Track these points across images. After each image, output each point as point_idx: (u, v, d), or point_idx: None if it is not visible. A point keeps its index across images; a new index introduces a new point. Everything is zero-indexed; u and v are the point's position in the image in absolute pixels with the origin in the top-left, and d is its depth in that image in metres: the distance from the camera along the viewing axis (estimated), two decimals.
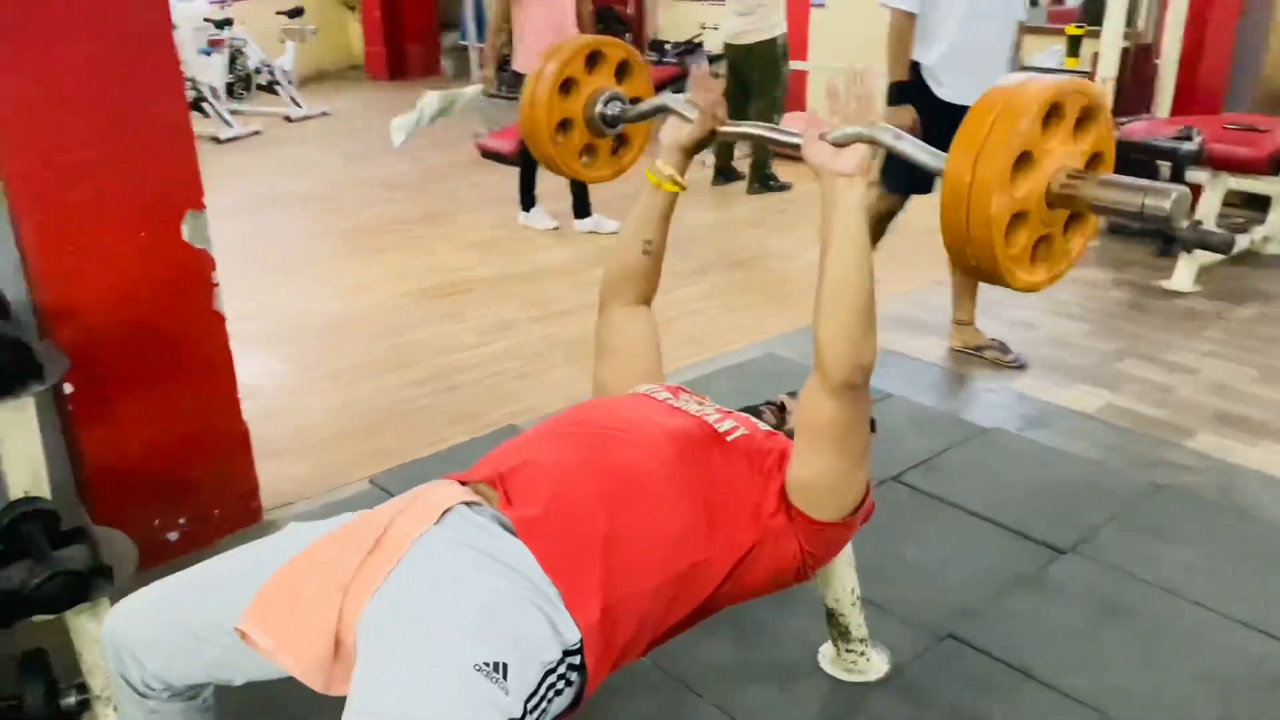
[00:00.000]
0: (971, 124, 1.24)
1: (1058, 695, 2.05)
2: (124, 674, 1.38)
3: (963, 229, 1.24)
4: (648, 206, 1.76)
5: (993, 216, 1.22)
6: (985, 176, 1.21)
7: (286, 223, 5.56)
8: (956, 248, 1.27)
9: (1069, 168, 1.27)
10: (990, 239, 1.23)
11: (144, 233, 2.27)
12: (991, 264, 1.26)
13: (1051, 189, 1.26)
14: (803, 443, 1.45)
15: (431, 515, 1.35)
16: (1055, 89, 1.23)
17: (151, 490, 2.41)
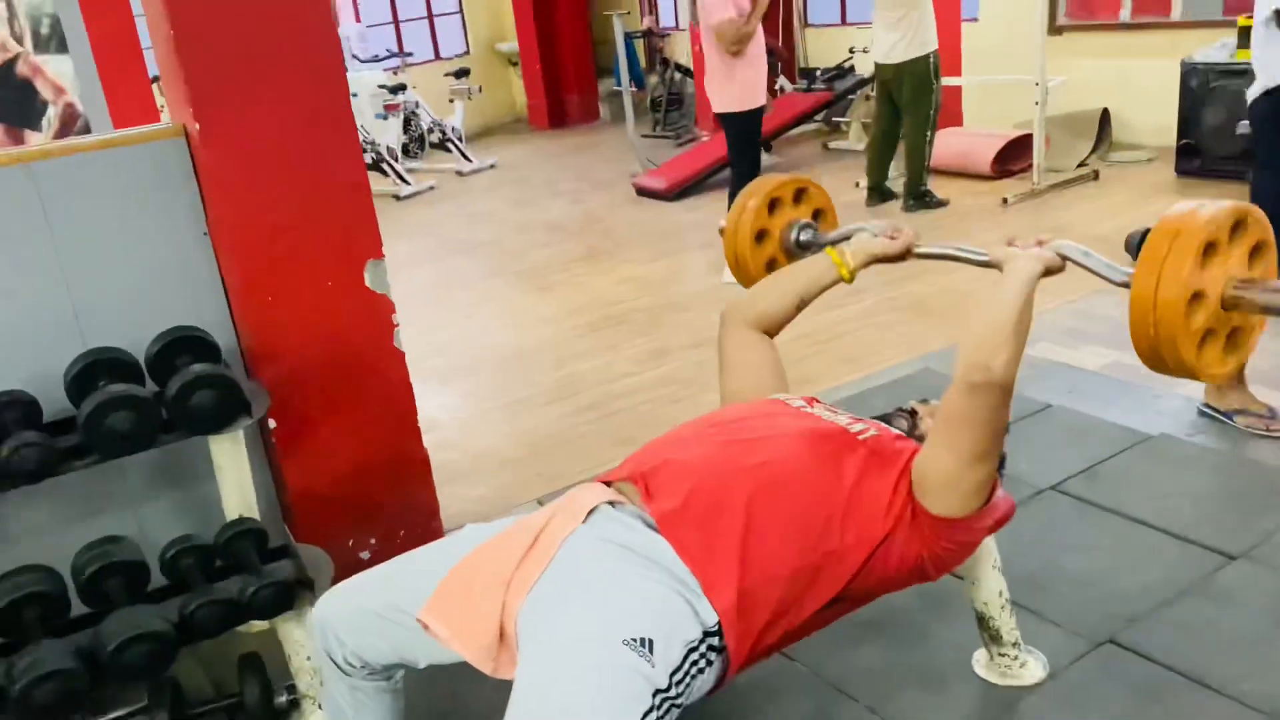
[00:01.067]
0: (1166, 219, 1.42)
1: (1231, 702, 1.99)
2: (329, 652, 1.59)
3: (1149, 301, 1.40)
4: (817, 278, 1.94)
5: (1180, 349, 1.39)
6: (1180, 251, 1.37)
7: (463, 268, 5.94)
8: (1139, 320, 1.43)
9: (1234, 276, 1.42)
10: (1176, 308, 1.38)
11: (331, 282, 2.54)
12: (1171, 336, 1.41)
13: (1225, 299, 1.42)
14: (932, 434, 1.55)
15: (579, 515, 1.50)
16: (1204, 227, 1.40)
17: (345, 513, 2.67)
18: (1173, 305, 1.38)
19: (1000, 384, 1.47)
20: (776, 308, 1.93)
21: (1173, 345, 1.40)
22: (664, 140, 9.26)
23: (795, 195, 2.22)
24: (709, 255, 5.65)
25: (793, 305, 1.93)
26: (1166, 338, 1.39)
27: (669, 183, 7.03)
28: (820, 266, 1.93)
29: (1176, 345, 1.40)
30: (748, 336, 1.92)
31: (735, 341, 1.92)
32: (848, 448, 1.59)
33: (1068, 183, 6.20)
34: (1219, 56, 5.81)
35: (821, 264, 1.93)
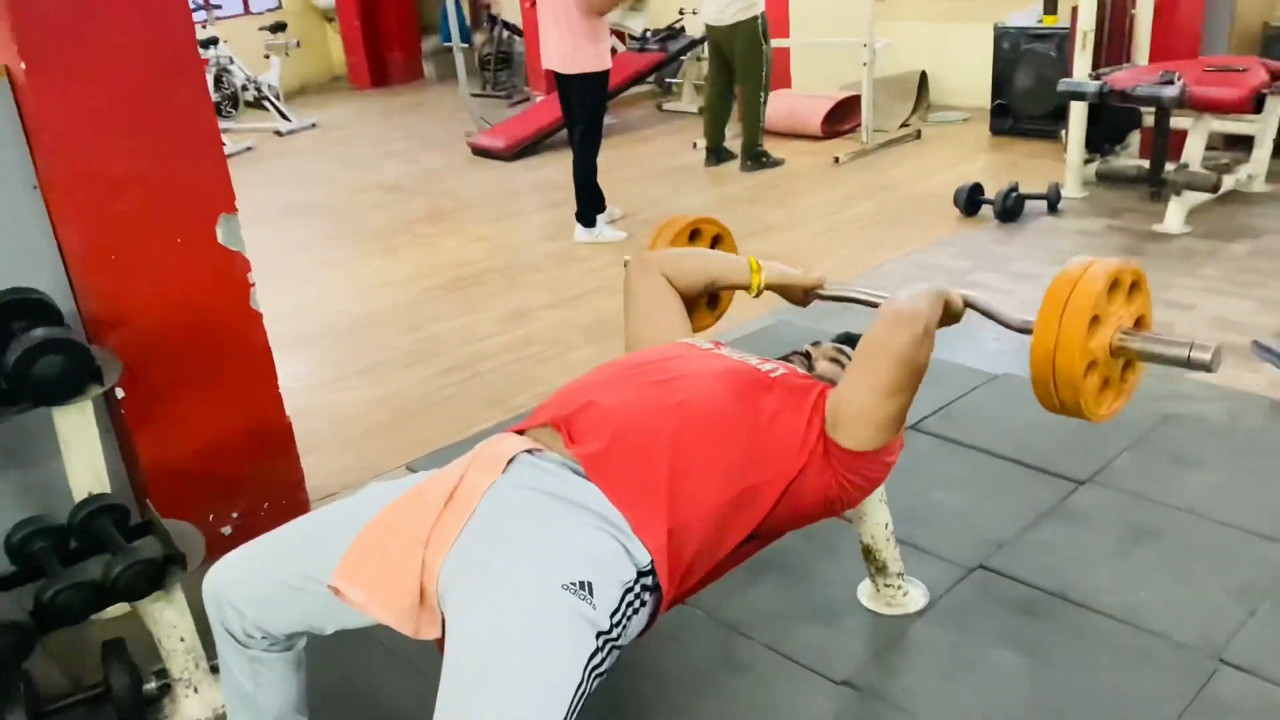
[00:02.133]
0: (1052, 295, 1.53)
1: (1094, 614, 2.14)
2: (226, 625, 1.49)
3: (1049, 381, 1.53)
4: (729, 274, 1.97)
5: (1075, 365, 1.50)
6: (1069, 338, 1.50)
7: (296, 231, 5.64)
8: (1045, 392, 1.56)
9: (1123, 327, 1.56)
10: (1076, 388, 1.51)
11: (181, 239, 2.36)
12: (1076, 403, 1.54)
13: (1113, 344, 1.55)
14: (853, 367, 1.57)
15: (498, 466, 1.45)
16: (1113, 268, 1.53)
17: (204, 487, 2.50)
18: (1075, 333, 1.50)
19: (925, 323, 1.52)
20: (688, 280, 1.94)
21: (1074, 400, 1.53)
22: (495, 100, 9.07)
23: (691, 236, 2.20)
24: (557, 215, 5.59)
25: (702, 285, 1.96)
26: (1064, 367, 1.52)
27: (508, 142, 6.90)
28: (737, 266, 1.96)
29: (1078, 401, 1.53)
30: (661, 282, 1.91)
31: (650, 284, 1.90)
32: (762, 385, 1.60)
33: (893, 142, 6.47)
34: (1028, 21, 6.17)
35: (739, 265, 1.96)
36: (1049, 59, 5.94)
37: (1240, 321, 3.50)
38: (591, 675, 1.27)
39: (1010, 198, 4.69)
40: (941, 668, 2.05)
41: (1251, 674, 1.95)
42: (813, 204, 5.38)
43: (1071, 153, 4.99)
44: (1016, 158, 5.87)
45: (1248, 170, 4.76)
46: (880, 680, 2.03)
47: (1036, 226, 4.69)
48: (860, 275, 4.08)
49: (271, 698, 1.56)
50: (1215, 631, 2.06)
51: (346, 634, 1.70)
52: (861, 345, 1.57)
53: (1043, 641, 2.08)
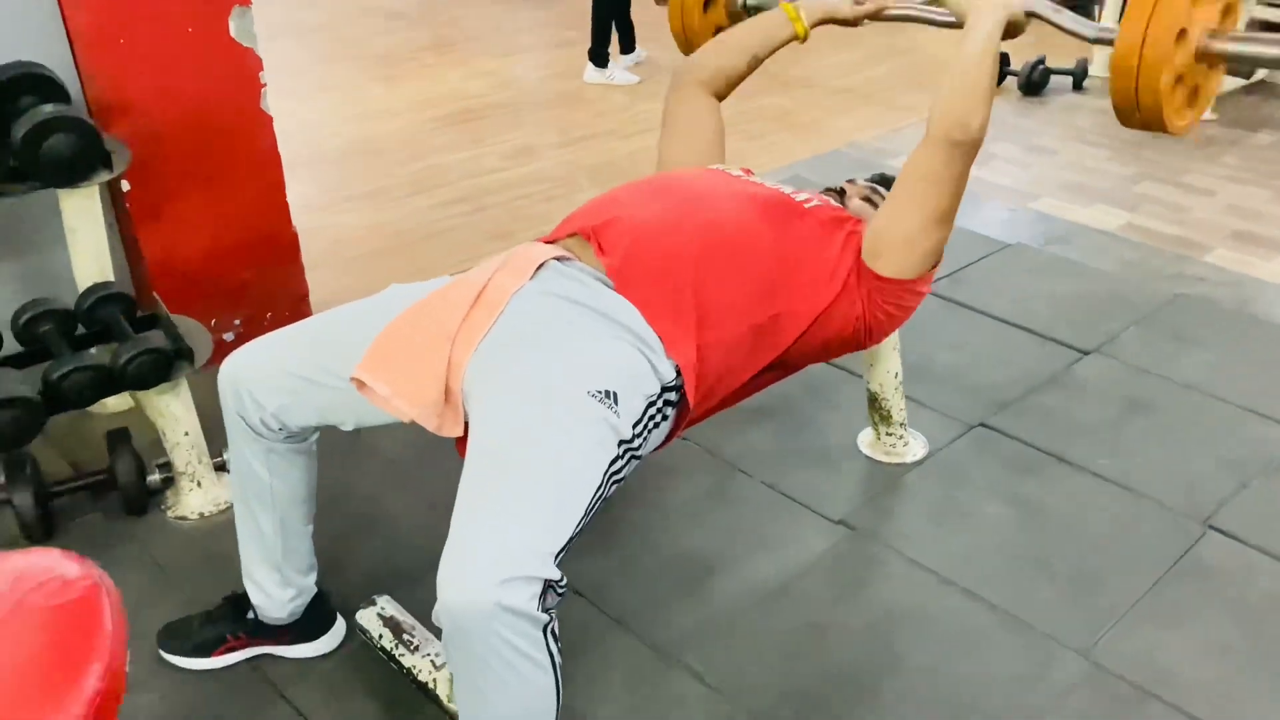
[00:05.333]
0: (1136, 4, 1.39)
1: (1087, 475, 2.18)
2: (242, 414, 1.47)
3: (1132, 95, 1.42)
4: (772, 35, 1.84)
5: (1160, 87, 1.39)
6: (1153, 56, 1.38)
7: (293, 53, 5.44)
8: (1125, 109, 1.45)
9: (1209, 28, 1.43)
10: (1159, 104, 1.41)
11: (192, 29, 2.26)
12: (1159, 121, 1.44)
13: (1200, 50, 1.43)
14: (895, 193, 1.54)
15: (527, 271, 1.42)
16: None
17: (207, 290, 2.47)
18: (1161, 51, 1.38)
19: (975, 141, 1.47)
20: (730, 64, 1.84)
21: (1153, 95, 1.41)
22: None
23: None
24: (566, 54, 5.42)
25: (745, 63, 1.85)
26: (1147, 89, 1.41)
27: None
28: (775, 21, 1.84)
29: (1157, 97, 1.41)
30: (700, 101, 1.83)
31: (687, 104, 1.83)
32: (794, 213, 1.57)
33: None
34: None
35: (776, 19, 1.83)
36: None
37: (1257, 210, 3.47)
38: (610, 480, 1.28)
39: (1036, 70, 4.57)
40: (934, 514, 2.09)
41: (1236, 539, 2.00)
42: (832, 63, 5.22)
43: None
44: (1045, 29, 5.67)
45: None
46: (874, 521, 2.07)
47: (1060, 102, 4.58)
48: (880, 136, 4.00)
49: (286, 487, 1.56)
50: (1204, 499, 2.10)
51: (349, 444, 1.72)
52: (907, 172, 1.53)
53: (1034, 497, 2.12)
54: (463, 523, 1.17)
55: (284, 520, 1.60)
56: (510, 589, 1.11)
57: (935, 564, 1.94)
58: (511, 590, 1.11)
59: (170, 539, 2.02)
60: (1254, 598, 1.87)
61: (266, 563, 1.63)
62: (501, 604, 1.10)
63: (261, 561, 1.63)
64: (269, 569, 1.64)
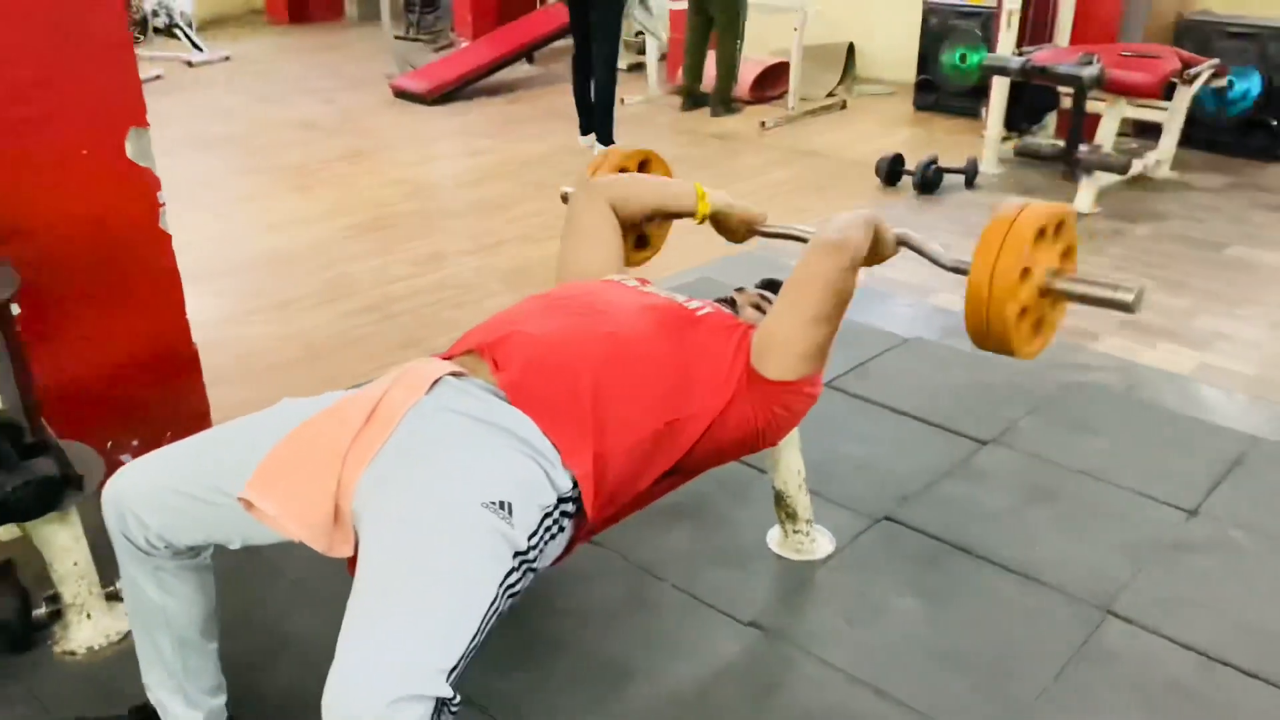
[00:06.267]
0: (985, 244, 1.55)
1: (992, 565, 2.22)
2: (127, 534, 1.44)
3: (984, 324, 1.58)
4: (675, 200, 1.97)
5: (1008, 317, 1.54)
6: (1001, 290, 1.53)
7: (207, 165, 5.43)
8: (979, 336, 1.60)
9: (1051, 267, 1.59)
10: (1007, 332, 1.56)
11: (87, 150, 2.25)
12: (1008, 347, 1.61)
13: (1042, 287, 1.59)
14: (779, 300, 1.59)
15: (422, 386, 1.43)
16: (1042, 215, 1.55)
17: (104, 411, 2.41)
18: (1007, 284, 1.53)
19: (853, 253, 1.54)
20: (635, 206, 1.93)
21: (1002, 324, 1.56)
22: (419, 44, 8.86)
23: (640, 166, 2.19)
24: (479, 162, 5.52)
25: (648, 211, 1.95)
26: (996, 319, 1.55)
27: (431, 85, 6.75)
28: (683, 191, 1.94)
29: (1005, 322, 1.56)
30: (606, 212, 1.89)
31: (595, 213, 1.89)
32: (688, 322, 1.61)
33: (819, 110, 6.53)
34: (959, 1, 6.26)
35: (686, 190, 1.94)
36: (974, 36, 6.05)
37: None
38: (505, 593, 1.27)
39: (929, 170, 4.78)
40: (845, 611, 2.10)
41: (1136, 625, 2.04)
42: (738, 167, 5.40)
43: (990, 129, 5.10)
44: (938, 133, 5.98)
45: (1155, 156, 4.93)
46: (785, 622, 2.07)
47: (953, 199, 4.79)
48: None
49: (180, 605, 1.51)
50: (1104, 586, 2.15)
51: (251, 566, 1.68)
52: (791, 276, 1.59)
53: (942, 590, 2.15)
54: (349, 642, 1.15)
55: (182, 639, 1.56)
56: (399, 710, 1.08)
57: (845, 663, 1.95)
58: (401, 711, 1.08)
59: (57, 676, 1.93)
60: (1155, 685, 1.91)
61: (169, 684, 1.59)
62: None
63: (164, 683, 1.59)
64: (172, 691, 1.59)
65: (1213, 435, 2.75)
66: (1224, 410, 2.90)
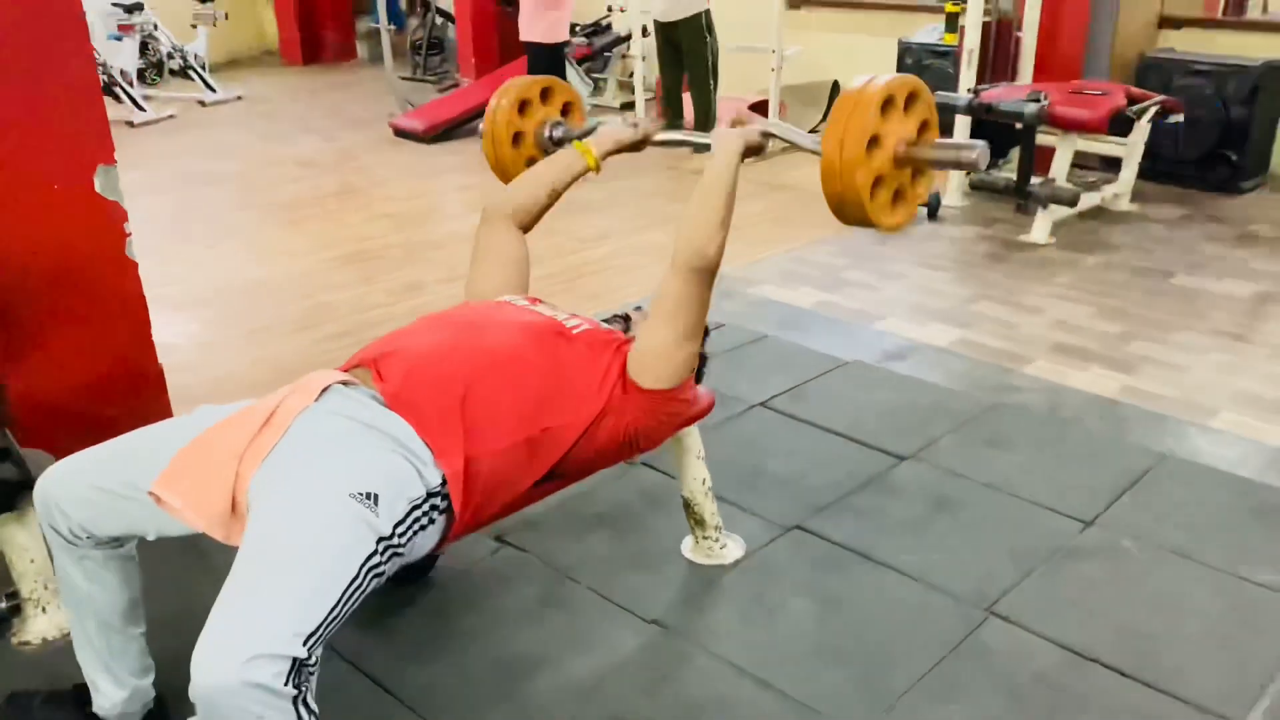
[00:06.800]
0: (834, 119, 1.68)
1: (890, 571, 2.36)
2: (54, 526, 1.62)
3: (838, 194, 1.69)
4: (567, 167, 2.13)
5: (858, 184, 1.67)
6: (849, 157, 1.65)
7: (205, 199, 5.70)
8: (837, 208, 1.73)
9: (906, 138, 1.72)
10: (860, 199, 1.68)
11: (58, 185, 2.47)
12: (864, 217, 1.72)
13: (897, 155, 1.71)
14: (650, 315, 1.78)
15: (312, 394, 1.61)
16: (886, 86, 1.68)
17: (72, 426, 2.59)
18: (855, 153, 1.64)
19: (712, 267, 1.73)
20: (531, 199, 2.11)
21: (854, 192, 1.66)
22: (424, 84, 9.15)
23: (543, 94, 2.37)
24: (467, 196, 5.75)
25: (545, 194, 2.11)
26: (849, 187, 1.66)
27: (427, 124, 7.01)
28: (569, 157, 2.13)
29: (858, 193, 1.67)
30: (506, 234, 2.09)
31: (494, 237, 2.08)
32: (562, 336, 1.79)
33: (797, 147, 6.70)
34: (931, 39, 6.45)
35: (570, 155, 2.12)
36: (946, 75, 6.22)
37: (1079, 324, 3.79)
38: (369, 573, 1.44)
39: None
40: (742, 611, 2.25)
41: (1015, 624, 2.18)
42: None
43: None
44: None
45: (1114, 189, 5.08)
46: (685, 620, 2.22)
47: (915, 231, 4.95)
48: (741, 268, 4.29)
49: (102, 592, 1.69)
50: (990, 588, 2.29)
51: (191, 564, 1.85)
52: (659, 296, 1.77)
53: (838, 593, 2.30)
54: (218, 608, 1.32)
55: (107, 623, 1.73)
56: (255, 666, 1.25)
57: (736, 657, 2.10)
58: (256, 667, 1.25)
59: (12, 665, 2.11)
60: (1024, 677, 2.04)
61: (96, 664, 1.76)
62: (246, 680, 1.24)
63: (91, 663, 1.77)
64: (99, 669, 1.77)
65: (1123, 452, 2.88)
66: (1140, 430, 3.03)
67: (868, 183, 1.66)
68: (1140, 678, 2.03)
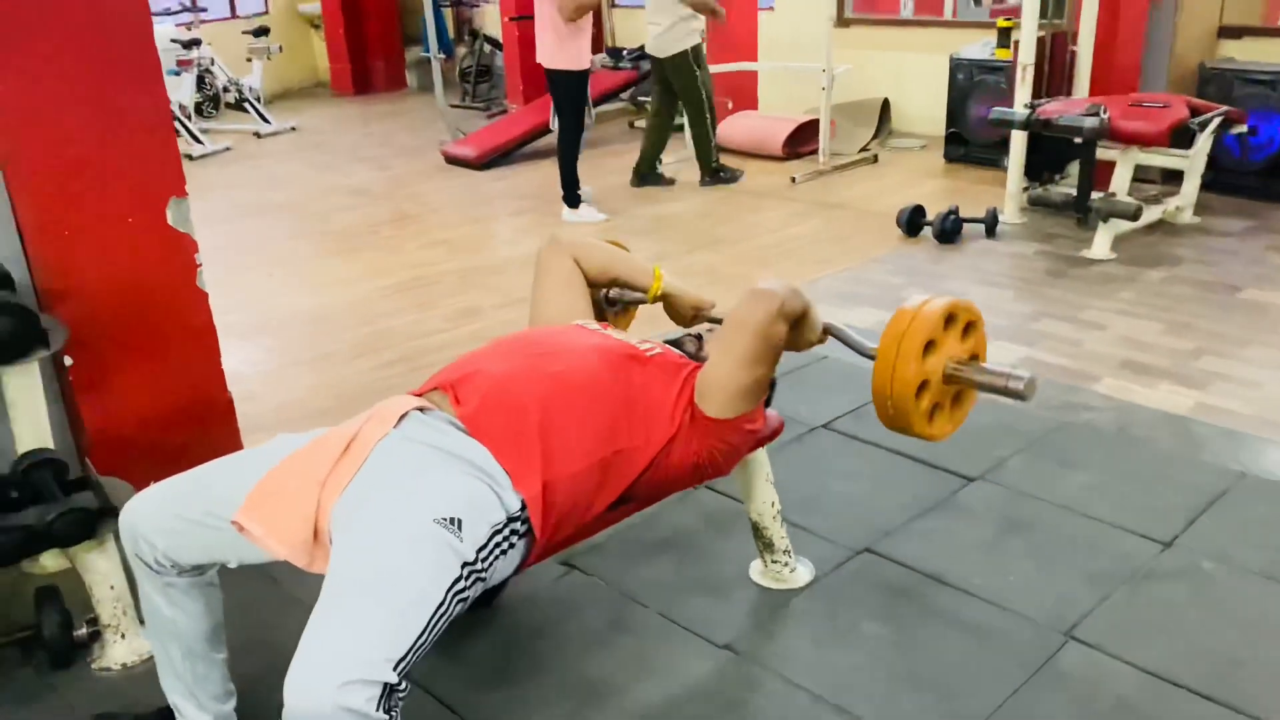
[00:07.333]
0: (894, 323, 1.73)
1: (963, 595, 2.32)
2: (139, 554, 1.65)
3: (886, 395, 1.72)
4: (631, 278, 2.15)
5: (909, 377, 1.70)
6: (905, 357, 1.69)
7: (263, 229, 5.80)
8: (880, 402, 1.74)
9: (957, 357, 1.76)
10: (907, 395, 1.70)
11: (132, 219, 2.52)
12: (905, 416, 1.73)
13: (945, 371, 1.75)
14: (716, 344, 1.76)
15: (391, 421, 1.63)
16: (953, 304, 1.74)
17: (146, 454, 2.65)
18: (905, 394, 1.70)
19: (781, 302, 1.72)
20: (594, 273, 2.12)
21: (905, 416, 1.73)
22: (473, 111, 9.27)
23: None
24: (520, 222, 5.80)
25: (606, 277, 2.14)
26: (900, 381, 1.71)
27: (479, 151, 7.09)
28: (641, 267, 2.14)
29: (910, 424, 1.74)
30: (569, 264, 2.09)
31: (559, 264, 2.09)
32: (635, 361, 1.79)
33: (850, 165, 6.69)
34: (983, 54, 6.41)
35: (643, 267, 2.13)
36: (999, 90, 6.18)
37: (1146, 341, 3.71)
38: (454, 598, 1.44)
39: (949, 220, 4.90)
40: (815, 636, 2.22)
41: (1095, 649, 2.13)
42: (763, 219, 5.58)
43: (1010, 179, 5.22)
44: (964, 184, 6.10)
45: (1176, 202, 4.99)
46: (756, 645, 2.20)
47: (972, 248, 4.90)
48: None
49: (187, 619, 1.71)
50: (1067, 612, 2.24)
51: (267, 592, 1.87)
52: (724, 322, 1.76)
53: (910, 616, 2.26)
54: (309, 634, 1.33)
55: (190, 649, 1.76)
56: (348, 692, 1.26)
57: (810, 683, 2.07)
58: (350, 693, 1.26)
59: (93, 690, 2.14)
60: (1106, 703, 1.99)
61: (180, 690, 1.79)
62: (340, 705, 1.25)
63: (176, 688, 1.79)
64: (183, 695, 1.79)
65: (1198, 471, 2.81)
66: (1214, 448, 2.96)
67: (916, 384, 1.70)
68: (1227, 703, 1.97)
